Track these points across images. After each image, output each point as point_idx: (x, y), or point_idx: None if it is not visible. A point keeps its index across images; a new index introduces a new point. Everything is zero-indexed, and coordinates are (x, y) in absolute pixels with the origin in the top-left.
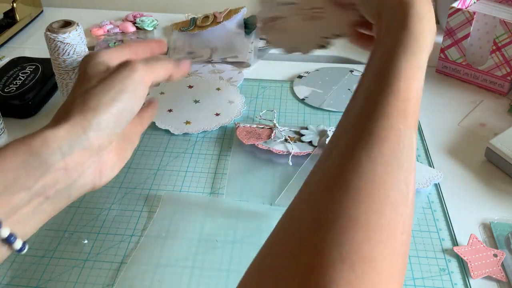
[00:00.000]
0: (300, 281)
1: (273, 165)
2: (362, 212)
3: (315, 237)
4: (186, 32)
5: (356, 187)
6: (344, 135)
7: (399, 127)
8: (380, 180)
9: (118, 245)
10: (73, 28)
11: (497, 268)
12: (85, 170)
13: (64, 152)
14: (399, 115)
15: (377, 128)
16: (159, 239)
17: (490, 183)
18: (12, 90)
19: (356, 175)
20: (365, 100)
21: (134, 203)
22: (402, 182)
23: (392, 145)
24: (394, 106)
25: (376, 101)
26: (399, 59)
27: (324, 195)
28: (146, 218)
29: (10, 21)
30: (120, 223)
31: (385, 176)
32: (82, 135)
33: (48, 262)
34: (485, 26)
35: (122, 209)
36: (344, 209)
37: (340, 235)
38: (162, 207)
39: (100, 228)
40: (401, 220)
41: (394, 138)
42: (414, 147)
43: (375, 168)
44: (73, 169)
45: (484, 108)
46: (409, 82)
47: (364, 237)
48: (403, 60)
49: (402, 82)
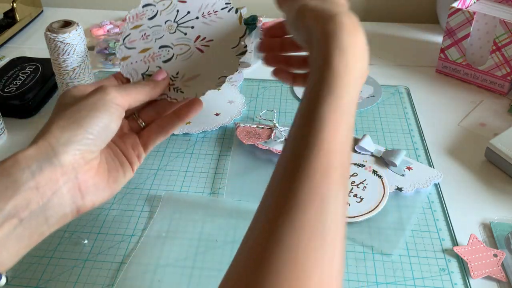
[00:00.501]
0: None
1: (273, 165)
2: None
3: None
4: None
5: (280, 264)
6: (270, 198)
7: (322, 189)
8: (304, 252)
9: (118, 245)
10: (73, 28)
11: (497, 268)
12: (59, 189)
13: (33, 170)
14: (323, 174)
15: (300, 193)
16: (159, 239)
17: (490, 183)
18: (12, 90)
19: (280, 251)
20: (289, 156)
21: (134, 203)
22: (329, 248)
23: (316, 211)
24: (318, 163)
25: (299, 157)
26: (322, 106)
27: (249, 273)
28: (146, 218)
29: (10, 21)
30: (120, 223)
31: (310, 246)
32: (50, 152)
33: (48, 262)
34: (485, 26)
35: (122, 209)
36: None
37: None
38: (162, 207)
39: (100, 228)
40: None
41: (318, 202)
42: (341, 206)
43: (300, 241)
44: (45, 187)
45: (484, 108)
46: (333, 132)
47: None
48: (326, 106)
49: (326, 133)
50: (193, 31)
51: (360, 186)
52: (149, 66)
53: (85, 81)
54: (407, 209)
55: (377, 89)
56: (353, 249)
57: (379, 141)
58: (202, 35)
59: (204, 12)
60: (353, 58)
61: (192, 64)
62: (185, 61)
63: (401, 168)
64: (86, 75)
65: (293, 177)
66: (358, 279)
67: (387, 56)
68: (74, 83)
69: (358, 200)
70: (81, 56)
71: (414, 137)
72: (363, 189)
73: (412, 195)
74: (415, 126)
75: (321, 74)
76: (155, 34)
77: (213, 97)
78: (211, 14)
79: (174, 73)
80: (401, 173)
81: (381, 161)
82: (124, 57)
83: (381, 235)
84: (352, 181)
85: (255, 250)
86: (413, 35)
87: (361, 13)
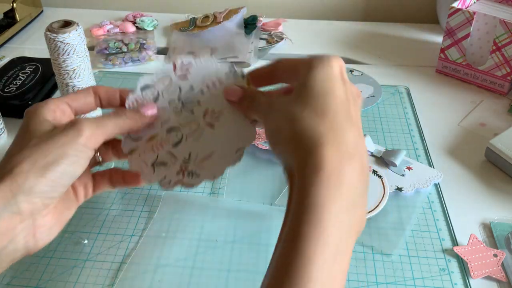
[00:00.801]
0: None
1: (273, 165)
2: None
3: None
4: (186, 32)
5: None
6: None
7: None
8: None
9: (118, 245)
10: (73, 28)
11: (497, 268)
12: (15, 236)
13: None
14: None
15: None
16: (159, 239)
17: (490, 183)
18: (12, 90)
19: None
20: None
21: (134, 203)
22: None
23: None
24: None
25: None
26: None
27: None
28: (146, 218)
29: (10, 21)
30: (120, 223)
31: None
32: (11, 199)
33: (48, 262)
34: (485, 26)
35: (122, 209)
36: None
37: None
38: (162, 207)
39: (100, 228)
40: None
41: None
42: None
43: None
44: (2, 235)
45: (484, 108)
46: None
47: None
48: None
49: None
50: (200, 107)
51: None
52: (159, 154)
53: (85, 81)
54: (407, 209)
55: (377, 89)
56: (353, 249)
57: (379, 141)
58: (210, 108)
59: (208, 83)
60: (334, 217)
61: (204, 142)
62: (197, 141)
63: (401, 168)
64: (86, 75)
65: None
66: (358, 279)
67: (387, 56)
68: (74, 83)
69: None
70: (81, 56)
71: (414, 137)
72: None
73: (412, 195)
74: (415, 126)
75: (296, 228)
76: (160, 117)
77: None
78: (215, 83)
79: (186, 155)
80: (401, 173)
81: (381, 161)
82: (131, 151)
83: (381, 235)
84: None
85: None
86: (413, 35)
87: (361, 13)
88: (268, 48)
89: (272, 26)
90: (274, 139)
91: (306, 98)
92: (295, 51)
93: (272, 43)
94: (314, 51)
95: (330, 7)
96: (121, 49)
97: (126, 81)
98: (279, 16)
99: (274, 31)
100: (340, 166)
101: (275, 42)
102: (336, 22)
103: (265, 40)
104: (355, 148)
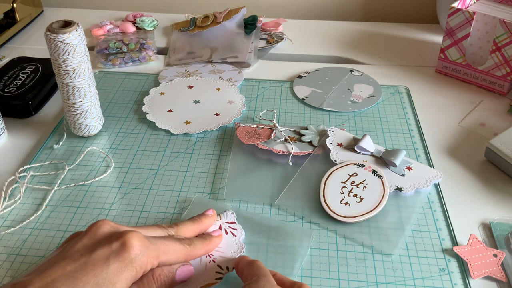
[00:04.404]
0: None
1: (273, 165)
2: None
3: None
4: (186, 32)
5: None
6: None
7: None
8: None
9: None
10: (73, 28)
11: (497, 268)
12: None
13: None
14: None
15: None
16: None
17: (490, 183)
18: (12, 90)
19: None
20: None
21: (135, 203)
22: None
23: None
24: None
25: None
26: None
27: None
28: (146, 218)
29: (10, 21)
30: (120, 223)
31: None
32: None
33: None
34: (485, 26)
35: (122, 209)
36: None
37: None
38: (192, 209)
39: None
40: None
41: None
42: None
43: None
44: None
45: (484, 108)
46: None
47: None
48: None
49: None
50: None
51: (360, 186)
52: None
53: (85, 81)
54: (407, 209)
55: (377, 89)
56: (353, 249)
57: (379, 141)
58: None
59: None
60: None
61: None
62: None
63: (401, 168)
64: (86, 75)
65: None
66: (358, 279)
67: (387, 56)
68: (74, 83)
69: (358, 200)
70: (81, 56)
71: (414, 137)
72: (363, 189)
73: (412, 195)
74: (415, 126)
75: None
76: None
77: (213, 97)
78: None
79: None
80: (401, 173)
81: (381, 161)
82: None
83: (381, 235)
84: (352, 181)
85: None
86: (413, 35)
87: (361, 13)
88: (268, 48)
89: (272, 26)
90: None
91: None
92: (295, 51)
93: (272, 43)
94: (314, 51)
95: (330, 7)
96: (121, 49)
97: (126, 81)
98: (279, 16)
99: (274, 31)
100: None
101: (275, 42)
102: (336, 22)
103: (265, 40)
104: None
